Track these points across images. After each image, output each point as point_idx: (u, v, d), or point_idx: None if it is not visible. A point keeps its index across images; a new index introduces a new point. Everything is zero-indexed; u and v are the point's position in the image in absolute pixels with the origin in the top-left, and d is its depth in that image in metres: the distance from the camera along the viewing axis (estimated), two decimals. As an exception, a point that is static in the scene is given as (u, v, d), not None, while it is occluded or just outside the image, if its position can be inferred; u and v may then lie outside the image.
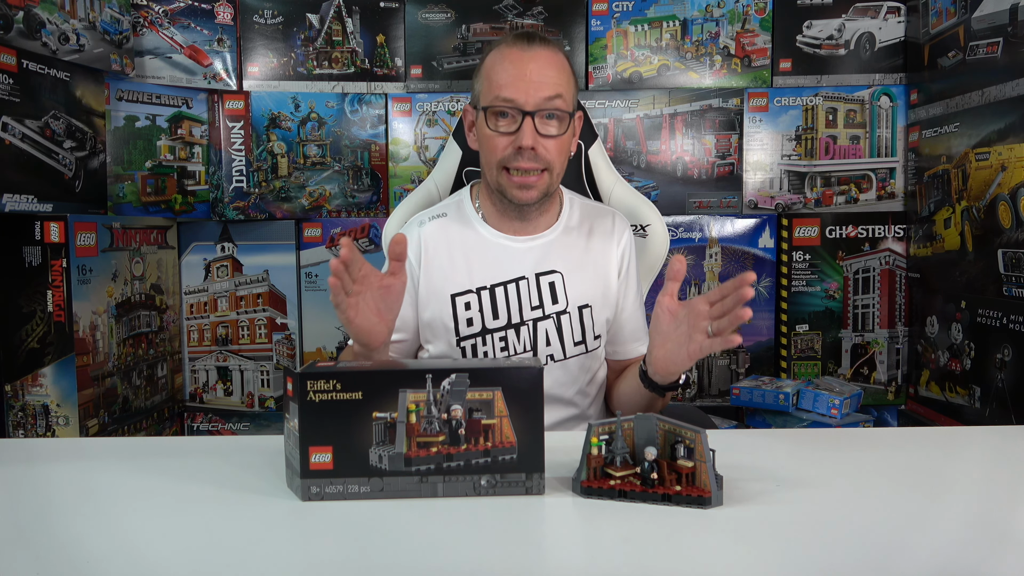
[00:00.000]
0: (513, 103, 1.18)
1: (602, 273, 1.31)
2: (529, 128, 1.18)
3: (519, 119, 1.18)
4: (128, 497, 0.84)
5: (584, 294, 1.29)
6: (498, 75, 1.20)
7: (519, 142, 1.18)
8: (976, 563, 0.68)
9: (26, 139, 1.78)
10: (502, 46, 1.23)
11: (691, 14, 2.34)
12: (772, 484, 0.85)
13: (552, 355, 1.27)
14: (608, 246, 1.32)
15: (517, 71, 1.18)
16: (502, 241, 1.29)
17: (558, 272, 1.28)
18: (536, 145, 1.18)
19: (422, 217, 1.33)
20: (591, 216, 1.35)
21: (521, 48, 1.20)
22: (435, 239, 1.29)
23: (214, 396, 2.41)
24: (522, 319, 1.26)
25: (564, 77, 1.21)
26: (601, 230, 1.33)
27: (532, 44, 1.21)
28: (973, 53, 1.92)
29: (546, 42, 1.22)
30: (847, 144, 2.32)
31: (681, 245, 2.33)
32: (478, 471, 0.81)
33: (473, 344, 1.26)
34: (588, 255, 1.31)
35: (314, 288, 2.39)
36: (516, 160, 1.20)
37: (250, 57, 2.34)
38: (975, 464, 0.97)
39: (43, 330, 1.83)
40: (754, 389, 2.18)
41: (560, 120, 1.21)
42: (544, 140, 1.19)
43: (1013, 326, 1.76)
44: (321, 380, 0.79)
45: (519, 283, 1.27)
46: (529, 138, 1.18)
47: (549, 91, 1.18)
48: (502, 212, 1.28)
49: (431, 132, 2.36)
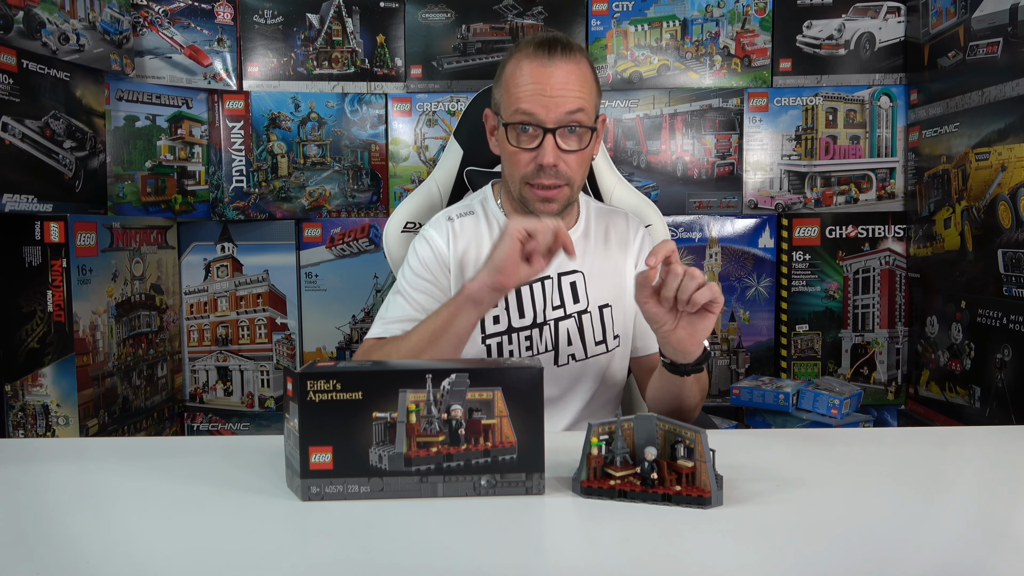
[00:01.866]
0: (534, 118, 1.16)
1: (620, 273, 1.32)
2: (550, 146, 1.16)
3: (540, 136, 1.17)
4: (128, 497, 0.84)
5: (604, 294, 1.29)
6: (518, 88, 1.17)
7: (540, 160, 1.17)
8: (976, 563, 0.68)
9: (26, 139, 1.78)
10: (521, 54, 1.19)
11: (691, 14, 2.33)
12: (772, 484, 0.85)
13: (574, 354, 1.27)
14: (625, 247, 1.33)
15: (538, 85, 1.16)
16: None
17: (580, 272, 1.29)
18: (558, 162, 1.17)
19: (451, 213, 1.32)
20: (606, 218, 1.36)
21: (542, 60, 1.17)
22: (464, 236, 1.29)
23: (214, 396, 2.41)
24: (545, 318, 1.26)
25: (587, 89, 1.18)
26: (617, 232, 1.34)
27: (553, 55, 1.17)
28: (973, 53, 1.92)
29: (568, 50, 1.18)
30: (847, 144, 2.32)
31: (681, 245, 2.33)
32: (478, 471, 0.81)
33: (499, 342, 1.26)
34: (607, 256, 1.32)
35: (314, 288, 2.39)
36: (538, 177, 1.19)
37: (250, 57, 2.34)
38: (975, 464, 0.97)
39: (43, 330, 1.83)
40: (754, 389, 2.18)
41: (582, 134, 1.19)
42: (566, 155, 1.18)
43: (1013, 326, 1.76)
44: (321, 380, 0.79)
45: (544, 282, 1.28)
46: (551, 156, 1.16)
47: (571, 106, 1.16)
48: (526, 215, 1.28)
49: (431, 132, 2.36)
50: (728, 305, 2.35)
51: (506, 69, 1.21)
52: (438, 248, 1.27)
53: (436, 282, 1.26)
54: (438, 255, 1.27)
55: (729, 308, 2.36)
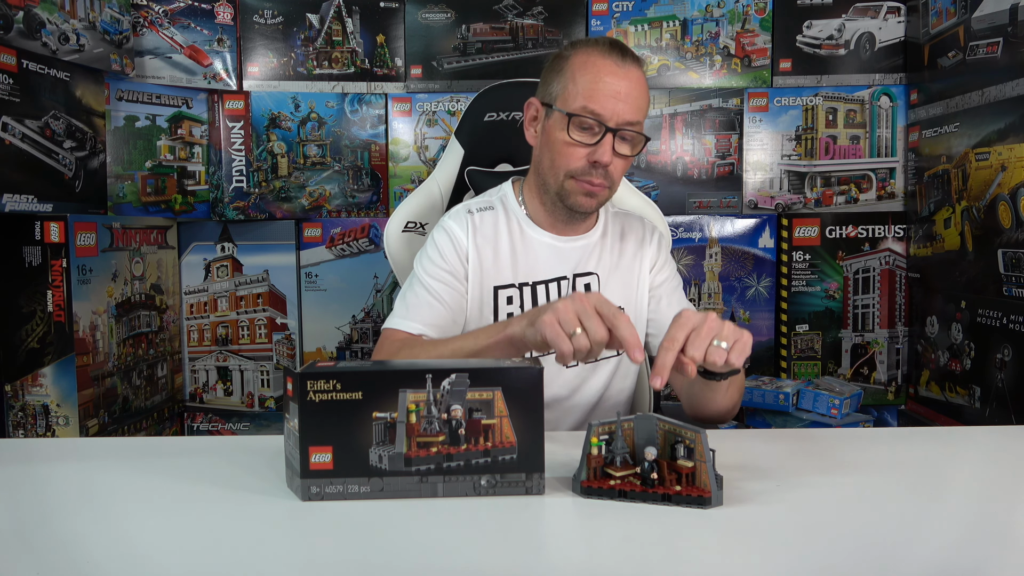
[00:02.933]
0: (600, 118, 1.17)
1: (634, 277, 1.33)
2: (609, 145, 1.18)
3: (600, 134, 1.18)
4: (128, 497, 0.84)
5: (617, 296, 1.30)
6: (589, 84, 1.18)
7: (596, 156, 1.18)
8: (976, 563, 0.68)
9: (26, 139, 1.78)
10: (593, 52, 1.20)
11: (691, 14, 2.33)
12: (772, 484, 0.85)
13: None
14: (640, 252, 1.35)
15: (610, 87, 1.17)
16: (546, 240, 1.29)
17: (595, 274, 1.30)
18: (612, 162, 1.19)
19: (471, 206, 1.32)
20: (621, 221, 1.37)
21: (616, 62, 1.18)
22: (484, 230, 1.29)
23: (214, 396, 2.41)
24: None
25: (646, 101, 1.22)
26: (633, 235, 1.35)
27: (626, 60, 1.19)
28: (973, 53, 1.92)
29: (637, 61, 1.21)
30: (847, 144, 2.32)
31: (681, 245, 2.33)
32: (478, 471, 0.81)
33: None
34: (622, 259, 1.33)
35: (314, 288, 2.39)
36: (589, 174, 1.20)
37: (250, 57, 2.34)
38: (975, 464, 0.97)
39: (43, 330, 1.83)
40: (754, 389, 2.18)
41: (635, 142, 1.21)
42: (617, 159, 1.20)
43: (1013, 326, 1.76)
44: (321, 380, 0.79)
45: (560, 283, 1.28)
46: (608, 155, 1.18)
47: (634, 115, 1.18)
48: (551, 212, 1.29)
49: (431, 132, 2.36)
50: (728, 305, 2.35)
51: (572, 62, 1.21)
52: (458, 239, 1.27)
53: (455, 272, 1.26)
54: (457, 245, 1.27)
55: (729, 308, 2.36)
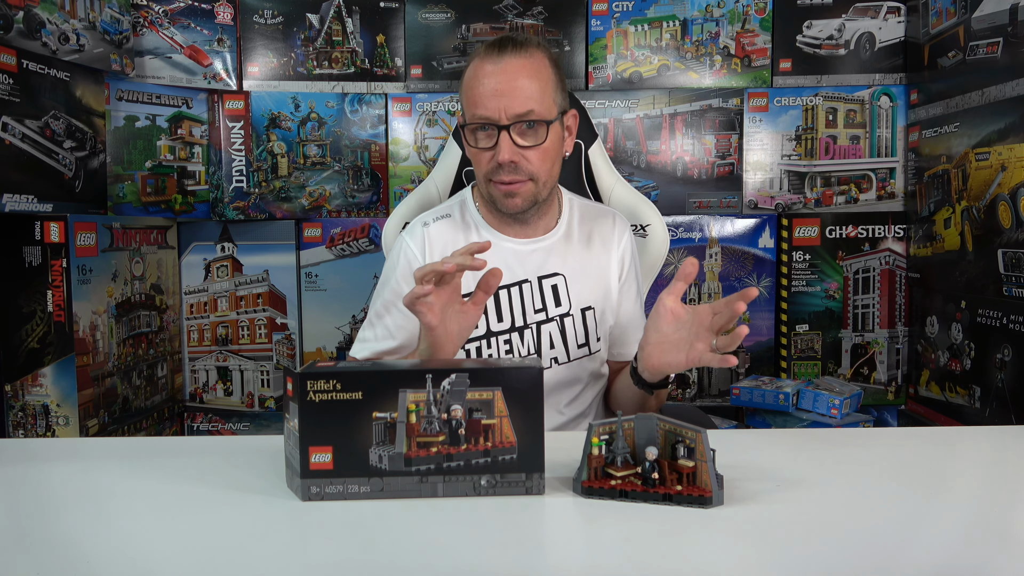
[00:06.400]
0: (487, 119, 1.17)
1: (603, 275, 1.31)
2: (506, 143, 1.17)
3: (496, 134, 1.18)
4: (128, 497, 0.84)
5: (586, 296, 1.29)
6: (472, 90, 1.19)
7: (497, 158, 1.18)
8: (976, 563, 0.68)
9: (26, 139, 1.78)
10: (475, 58, 1.21)
11: (691, 14, 2.33)
12: (772, 484, 0.85)
13: (556, 358, 1.27)
14: (609, 248, 1.32)
15: (489, 87, 1.17)
16: (504, 244, 1.28)
17: (560, 275, 1.28)
18: (515, 158, 1.18)
19: (426, 218, 1.33)
20: (591, 218, 1.34)
21: (492, 60, 1.18)
22: (440, 240, 1.29)
23: (214, 396, 2.41)
24: (526, 322, 1.26)
25: (539, 84, 1.18)
26: (601, 232, 1.33)
27: (503, 54, 1.18)
28: (973, 53, 1.92)
29: (519, 47, 1.19)
30: (847, 144, 2.32)
31: (681, 245, 2.33)
32: (478, 471, 0.81)
33: (478, 347, 1.26)
34: (590, 257, 1.31)
35: (314, 288, 2.39)
36: (498, 174, 1.20)
37: (250, 57, 2.34)
38: (975, 464, 0.97)
39: (43, 330, 1.83)
40: (754, 389, 2.18)
41: (539, 129, 1.19)
42: (525, 151, 1.18)
43: (1013, 326, 1.76)
44: (321, 380, 0.79)
45: (522, 286, 1.27)
46: (507, 153, 1.17)
47: (522, 105, 1.16)
48: (499, 217, 1.29)
49: (431, 132, 2.36)
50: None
51: (465, 74, 1.24)
52: (413, 256, 1.29)
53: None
54: (413, 263, 1.28)
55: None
